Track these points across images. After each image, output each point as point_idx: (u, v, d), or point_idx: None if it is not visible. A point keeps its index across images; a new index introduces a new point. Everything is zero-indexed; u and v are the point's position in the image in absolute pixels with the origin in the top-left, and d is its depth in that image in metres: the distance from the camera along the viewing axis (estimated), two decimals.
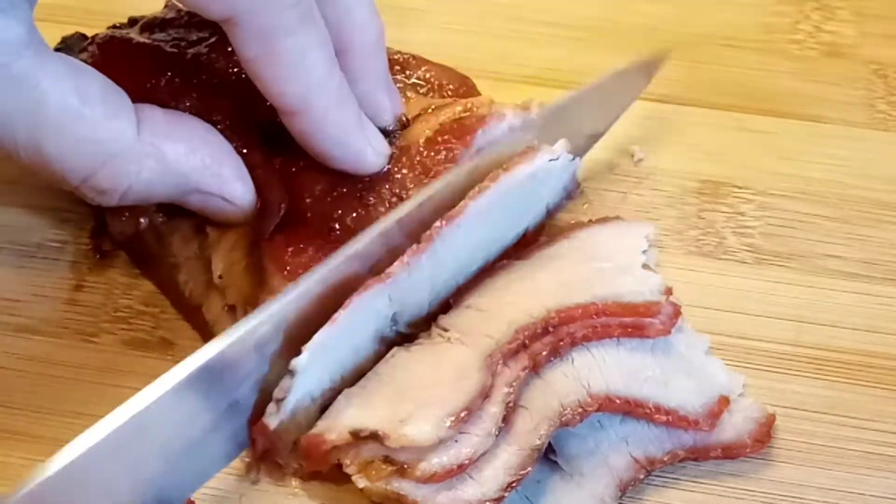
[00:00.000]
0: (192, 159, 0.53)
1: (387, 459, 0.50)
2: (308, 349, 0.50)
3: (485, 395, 0.51)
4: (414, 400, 0.51)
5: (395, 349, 0.54)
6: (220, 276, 0.56)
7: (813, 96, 0.72)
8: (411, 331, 0.56)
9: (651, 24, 0.76)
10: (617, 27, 0.75)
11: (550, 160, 0.59)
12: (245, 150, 0.56)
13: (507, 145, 0.58)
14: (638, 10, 0.77)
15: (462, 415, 0.50)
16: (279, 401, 0.50)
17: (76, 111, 0.49)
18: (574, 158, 0.61)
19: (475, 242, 0.57)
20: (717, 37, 0.75)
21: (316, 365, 0.51)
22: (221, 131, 0.56)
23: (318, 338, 0.50)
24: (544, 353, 0.53)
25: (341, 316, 0.51)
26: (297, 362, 0.50)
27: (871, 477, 0.54)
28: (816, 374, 0.58)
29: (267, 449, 0.52)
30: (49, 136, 0.49)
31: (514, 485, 0.50)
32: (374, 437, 0.50)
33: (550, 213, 0.63)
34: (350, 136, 0.55)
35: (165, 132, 0.53)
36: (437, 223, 0.54)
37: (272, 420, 0.51)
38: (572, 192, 0.64)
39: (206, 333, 0.57)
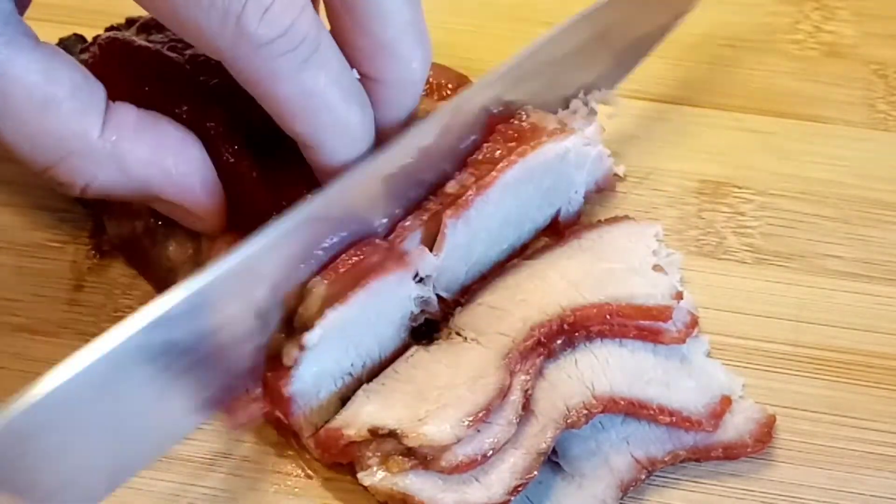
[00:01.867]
0: (154, 167, 0.51)
1: (408, 452, 0.50)
2: (320, 325, 0.50)
3: (503, 394, 0.51)
4: (433, 399, 0.51)
5: (414, 348, 0.55)
6: None
7: (813, 96, 0.72)
8: (449, 297, 0.56)
9: None
10: None
11: (585, 145, 0.60)
12: (234, 159, 0.55)
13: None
14: None
15: (480, 414, 0.50)
16: (287, 368, 0.50)
17: (41, 104, 0.48)
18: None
19: (507, 216, 0.58)
20: (717, 37, 0.75)
21: (333, 345, 0.51)
22: (213, 138, 0.55)
23: (330, 315, 0.50)
24: (559, 342, 0.54)
25: (356, 295, 0.51)
26: (307, 337, 0.50)
27: (871, 477, 0.55)
28: (816, 374, 0.58)
29: (286, 427, 0.53)
30: (10, 124, 0.48)
31: (520, 488, 0.50)
32: (393, 435, 0.50)
33: (587, 201, 0.63)
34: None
35: (132, 136, 0.51)
36: (470, 191, 0.55)
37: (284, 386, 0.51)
38: (605, 184, 0.64)
39: None
